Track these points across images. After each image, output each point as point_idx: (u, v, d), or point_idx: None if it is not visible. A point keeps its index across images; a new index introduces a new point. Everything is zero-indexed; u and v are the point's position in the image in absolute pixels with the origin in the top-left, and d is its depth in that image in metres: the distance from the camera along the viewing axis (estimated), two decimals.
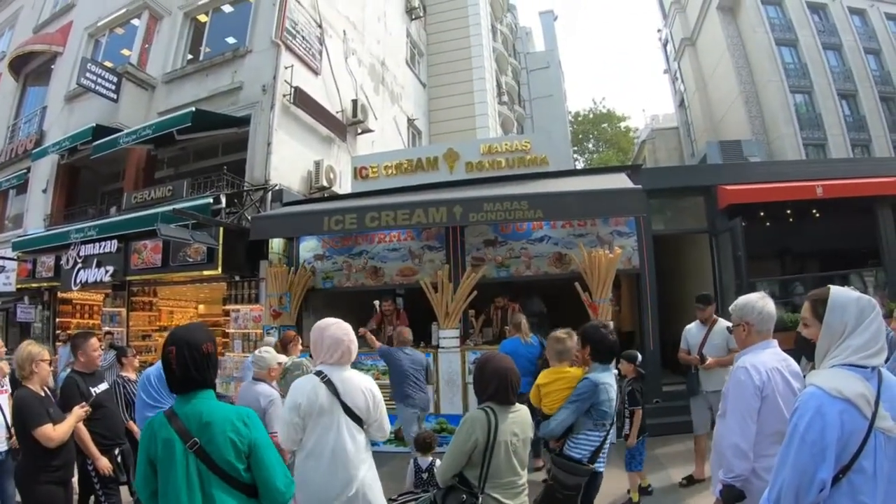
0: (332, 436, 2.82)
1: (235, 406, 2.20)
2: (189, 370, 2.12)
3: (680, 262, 9.36)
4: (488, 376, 2.81)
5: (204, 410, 2.10)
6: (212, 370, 2.20)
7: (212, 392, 2.20)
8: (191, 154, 11.62)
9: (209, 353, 2.17)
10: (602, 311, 7.35)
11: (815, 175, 8.78)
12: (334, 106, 11.70)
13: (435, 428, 7.38)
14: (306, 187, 10.46)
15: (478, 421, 2.70)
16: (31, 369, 3.62)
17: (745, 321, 2.73)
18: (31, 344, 3.78)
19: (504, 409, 2.77)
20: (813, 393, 1.86)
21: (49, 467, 3.51)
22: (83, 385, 4.14)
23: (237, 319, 9.05)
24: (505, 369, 2.81)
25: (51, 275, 11.39)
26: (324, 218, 7.50)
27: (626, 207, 7.12)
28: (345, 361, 2.97)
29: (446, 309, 7.52)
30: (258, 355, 4.42)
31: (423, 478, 4.52)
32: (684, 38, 28.66)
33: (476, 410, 2.79)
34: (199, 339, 2.16)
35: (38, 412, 3.48)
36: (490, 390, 2.79)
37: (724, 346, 5.50)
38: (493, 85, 20.43)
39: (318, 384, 2.87)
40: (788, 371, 2.63)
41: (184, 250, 8.99)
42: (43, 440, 3.42)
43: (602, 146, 37.57)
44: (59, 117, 13.29)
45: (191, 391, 2.14)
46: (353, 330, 3.09)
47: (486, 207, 6.91)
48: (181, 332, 2.23)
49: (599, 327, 3.67)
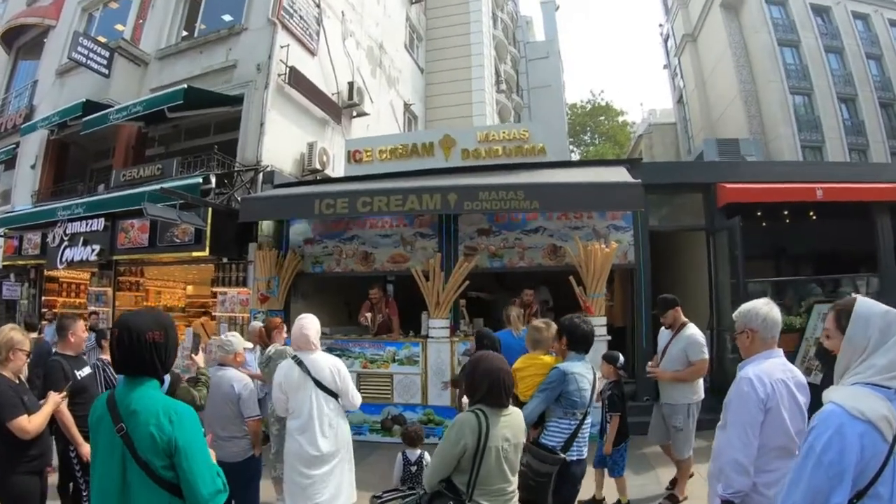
0: (307, 403, 3.76)
1: (169, 401, 2.05)
2: (128, 355, 2.03)
3: (675, 259, 9.26)
4: (480, 376, 2.67)
5: (134, 399, 2.01)
6: (158, 359, 2.07)
7: (154, 382, 2.09)
8: (182, 132, 11.38)
9: (154, 342, 2.05)
10: (596, 306, 7.26)
11: (815, 177, 8.70)
12: (330, 88, 11.49)
13: (422, 419, 7.29)
14: (299, 169, 10.27)
15: (467, 424, 2.57)
16: (7, 356, 3.38)
17: (750, 328, 2.63)
18: (14, 329, 3.53)
19: (496, 413, 2.63)
20: (833, 411, 1.76)
21: (25, 457, 3.33)
22: (68, 368, 4.02)
23: (224, 302, 8.89)
24: (497, 370, 2.68)
25: (37, 252, 11.18)
26: (315, 201, 7.35)
27: (625, 202, 7.02)
28: (307, 348, 3.89)
29: (437, 298, 7.39)
30: (224, 339, 4.28)
31: (412, 471, 4.44)
32: (686, 34, 28.49)
33: (466, 413, 2.65)
34: (142, 325, 2.05)
35: (12, 402, 3.28)
36: (481, 392, 2.65)
37: (683, 357, 5.09)
38: (491, 73, 20.21)
39: (293, 365, 3.85)
40: (794, 383, 2.54)
41: (171, 230, 8.80)
42: (17, 432, 3.23)
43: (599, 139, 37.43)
44: (50, 92, 13.03)
45: (132, 375, 2.06)
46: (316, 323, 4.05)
47: (481, 196, 6.78)
48: (127, 316, 2.14)
49: (574, 318, 3.74)
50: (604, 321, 7.32)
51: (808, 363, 7.84)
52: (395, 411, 7.38)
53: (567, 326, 3.70)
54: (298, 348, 3.94)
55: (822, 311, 7.99)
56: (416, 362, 7.35)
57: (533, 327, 4.10)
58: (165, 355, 2.10)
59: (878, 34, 24.72)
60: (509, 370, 2.74)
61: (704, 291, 8.73)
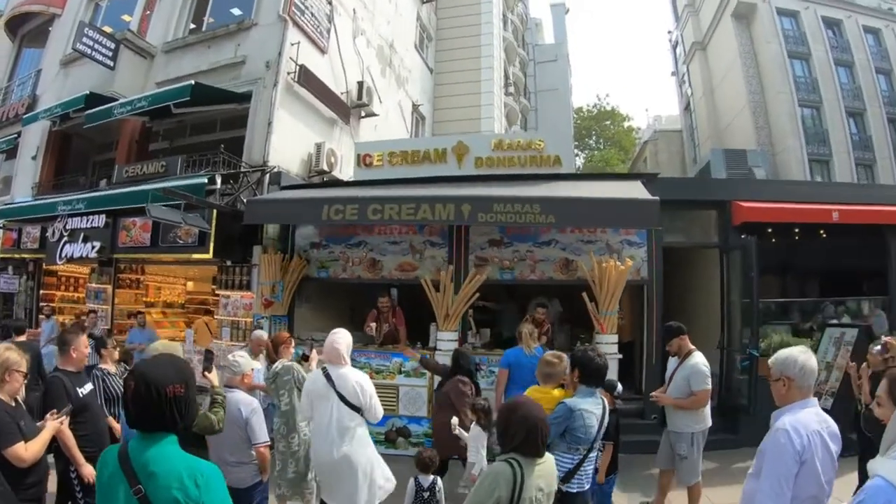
0: (328, 413, 3.95)
1: (191, 460, 1.86)
2: (146, 411, 1.84)
3: (686, 276, 9.11)
4: (516, 425, 2.52)
5: (153, 458, 1.81)
6: (178, 414, 1.87)
7: (172, 437, 1.89)
8: (188, 128, 11.16)
9: (176, 396, 1.85)
10: (608, 323, 7.10)
11: (829, 198, 8.64)
12: (339, 87, 11.27)
13: (427, 432, 7.12)
14: (305, 170, 10.06)
15: (502, 476, 2.43)
16: (3, 377, 3.16)
17: (786, 376, 2.63)
18: (9, 349, 3.31)
19: (530, 462, 2.49)
20: (881, 486, 1.76)
21: (22, 485, 3.11)
22: (70, 386, 3.81)
23: (227, 306, 8.68)
24: (535, 419, 2.53)
25: (36, 246, 10.96)
26: (323, 206, 7.13)
27: (642, 219, 6.83)
28: (337, 362, 4.07)
29: (447, 311, 7.22)
30: (231, 360, 4.05)
31: (425, 497, 4.31)
32: (695, 41, 28.29)
33: (500, 464, 2.50)
34: (162, 378, 1.85)
35: (7, 429, 3.06)
36: (516, 441, 2.51)
37: (686, 386, 5.06)
38: (500, 75, 20.00)
39: (320, 376, 4.07)
40: (828, 433, 2.55)
41: (174, 231, 8.59)
42: (13, 461, 3.02)
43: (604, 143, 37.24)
44: (54, 82, 12.77)
45: (148, 431, 1.86)
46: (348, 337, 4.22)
47: (495, 208, 6.59)
48: (145, 367, 1.93)
49: (588, 350, 3.77)
50: (615, 339, 7.18)
51: (818, 387, 7.71)
52: (399, 423, 7.21)
53: (581, 359, 3.70)
54: (329, 361, 4.11)
55: (834, 334, 7.90)
56: (422, 374, 7.18)
57: (545, 361, 4.15)
58: (185, 409, 1.91)
59: (888, 49, 24.58)
60: (546, 420, 2.59)
61: (715, 309, 8.60)
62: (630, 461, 6.39)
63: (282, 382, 4.85)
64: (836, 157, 22.67)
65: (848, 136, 23.03)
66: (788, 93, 22.87)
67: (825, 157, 22.82)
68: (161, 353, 2.70)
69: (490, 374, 7.06)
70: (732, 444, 7.55)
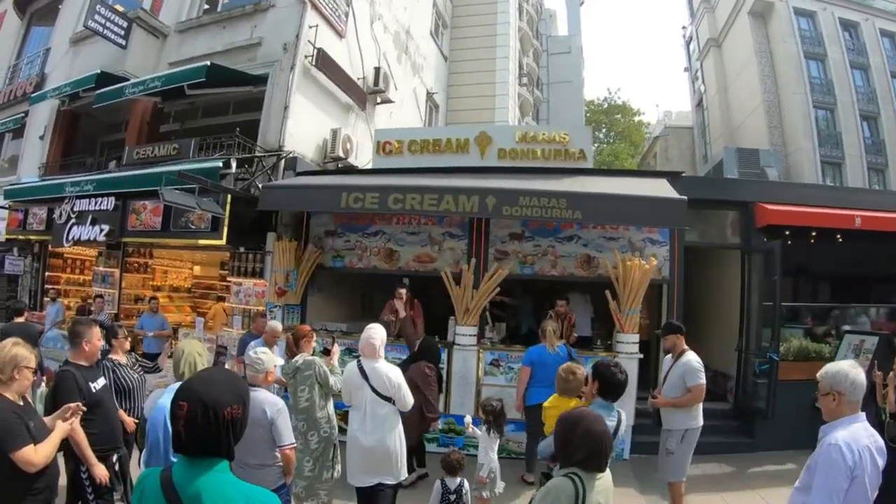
0: (364, 402, 4.23)
1: (249, 488, 1.67)
2: (201, 436, 1.61)
3: (705, 276, 8.95)
4: (579, 440, 2.36)
5: (205, 488, 1.59)
6: (233, 437, 1.67)
7: (225, 463, 1.68)
8: (200, 110, 10.92)
9: (234, 419, 1.66)
10: (630, 322, 6.96)
11: (852, 203, 8.58)
12: (356, 72, 11.03)
13: (443, 429, 6.99)
14: (321, 156, 9.85)
15: (564, 493, 2.28)
16: (12, 375, 2.94)
17: (837, 391, 2.63)
18: (17, 345, 3.05)
19: (591, 477, 2.34)
20: None
21: (31, 490, 2.89)
22: (82, 380, 3.57)
23: (238, 294, 8.49)
24: (601, 434, 2.38)
25: (42, 227, 10.77)
26: (342, 193, 6.97)
27: (670, 218, 6.69)
28: (372, 356, 4.29)
29: (466, 305, 7.05)
30: (254, 357, 3.82)
31: (451, 500, 4.17)
32: (710, 38, 27.95)
33: (561, 479, 2.34)
34: (221, 400, 1.64)
35: (17, 431, 2.82)
36: (578, 456, 2.35)
37: (681, 384, 5.10)
38: (515, 65, 19.76)
39: (355, 369, 4.30)
40: (876, 448, 2.57)
41: (187, 216, 8.38)
42: (23, 465, 2.79)
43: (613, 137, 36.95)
44: (63, 60, 12.51)
45: (197, 457, 1.64)
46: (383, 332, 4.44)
47: (521, 202, 6.44)
48: (200, 386, 1.68)
49: (611, 365, 3.73)
50: (636, 338, 7.05)
51: None
52: None
53: (603, 373, 3.67)
54: (364, 355, 4.33)
55: (853, 341, 7.79)
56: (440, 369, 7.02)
57: (561, 377, 4.18)
58: (240, 431, 1.71)
59: None
60: (610, 434, 2.43)
61: (734, 311, 8.45)
62: (647, 462, 6.29)
63: (302, 378, 4.65)
64: (848, 161, 22.46)
65: (861, 140, 22.81)
66: (803, 93, 22.62)
67: (837, 160, 22.61)
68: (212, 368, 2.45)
69: (509, 371, 6.93)
70: (748, 448, 7.47)
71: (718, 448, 7.35)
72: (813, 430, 7.56)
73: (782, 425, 7.39)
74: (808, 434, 7.48)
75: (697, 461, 6.88)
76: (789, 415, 7.45)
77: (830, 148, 22.63)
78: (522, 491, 5.89)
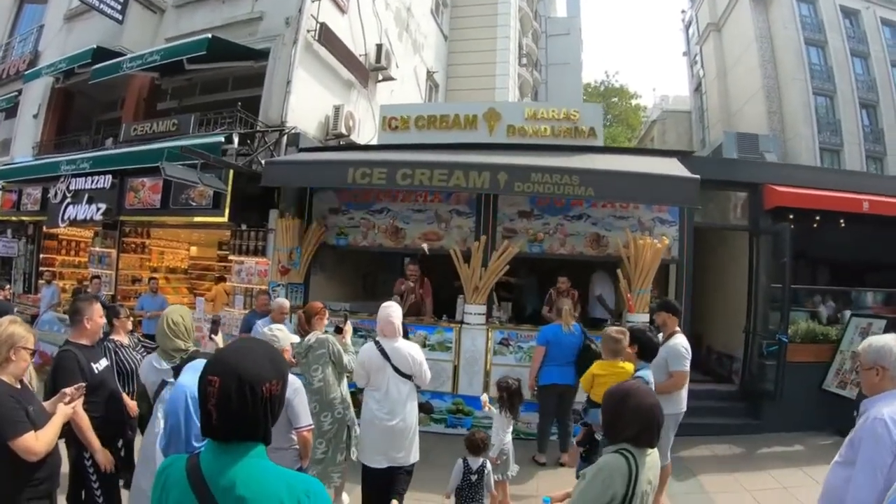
0: (385, 382, 4.14)
1: (291, 475, 1.47)
2: (236, 417, 1.39)
3: (711, 258, 8.88)
4: (630, 415, 2.23)
5: (240, 477, 1.37)
6: (271, 418, 1.46)
7: (262, 449, 1.46)
8: (198, 86, 10.68)
9: (272, 396, 1.44)
10: (640, 302, 6.87)
11: (860, 188, 8.55)
12: (358, 49, 10.81)
13: (451, 408, 6.91)
14: (322, 133, 9.65)
15: (618, 471, 2.14)
16: (8, 356, 2.70)
17: (881, 365, 2.57)
18: (14, 323, 2.83)
19: (642, 454, 2.21)
20: None
21: (31, 481, 2.66)
22: (84, 361, 3.34)
23: (240, 272, 8.30)
24: (651, 406, 2.24)
25: (37, 208, 10.58)
26: (349, 169, 6.79)
27: (682, 197, 6.57)
28: (392, 335, 4.19)
29: (476, 283, 6.93)
30: (269, 334, 3.63)
31: (472, 479, 4.05)
32: (710, 22, 27.69)
33: (613, 456, 2.21)
34: (260, 374, 1.42)
35: (15, 417, 2.61)
36: (630, 432, 2.21)
37: (665, 366, 4.81)
38: (515, 45, 19.56)
39: (374, 349, 4.17)
40: None
41: (187, 192, 8.21)
42: (23, 453, 2.58)
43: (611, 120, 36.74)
44: (57, 37, 12.25)
45: (231, 441, 1.42)
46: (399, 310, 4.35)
47: (533, 178, 6.30)
48: (235, 358, 1.45)
49: (647, 331, 4.15)
50: (646, 318, 6.95)
51: (843, 376, 7.58)
52: (422, 398, 6.93)
53: (641, 339, 4.12)
54: (383, 335, 4.22)
55: (861, 324, 7.78)
56: (448, 348, 6.92)
57: (611, 338, 4.32)
58: (279, 411, 1.50)
59: None
60: (659, 404, 2.30)
61: (741, 293, 8.40)
62: None
63: (315, 357, 4.50)
64: (846, 148, 22.37)
65: (860, 127, 22.71)
66: (803, 80, 22.49)
67: (836, 147, 22.53)
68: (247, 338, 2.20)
69: (518, 350, 6.82)
70: (755, 430, 7.45)
71: (726, 430, 7.36)
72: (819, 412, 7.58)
73: (789, 407, 7.37)
74: (814, 416, 7.58)
75: (707, 442, 6.96)
76: (796, 396, 7.43)
77: (829, 135, 22.54)
78: (535, 472, 5.83)
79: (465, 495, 4.05)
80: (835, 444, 7.00)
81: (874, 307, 9.15)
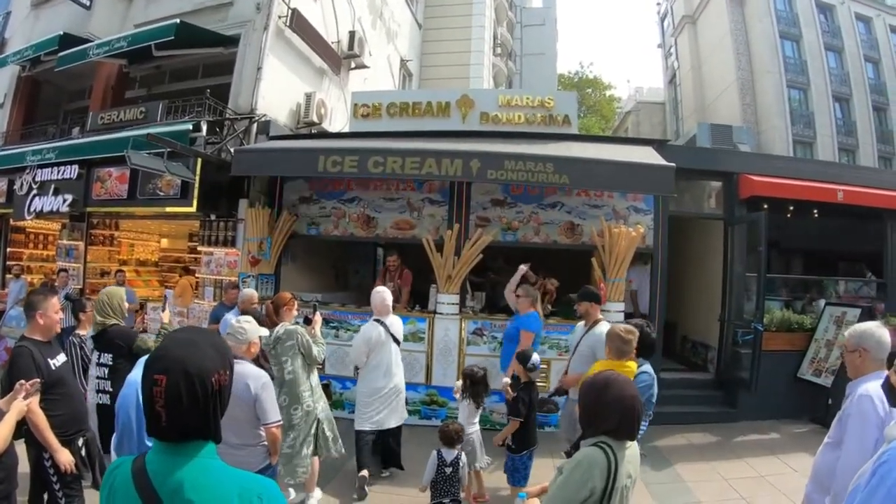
0: (386, 356, 5.04)
1: (244, 476, 1.36)
2: (187, 416, 1.29)
3: (685, 246, 8.91)
4: (610, 406, 2.15)
5: (189, 480, 1.27)
6: (220, 411, 1.36)
7: (212, 448, 1.36)
8: (167, 74, 10.45)
9: (222, 388, 1.35)
10: (615, 291, 6.84)
11: (834, 178, 8.64)
12: (330, 36, 10.63)
13: (424, 399, 6.82)
14: (293, 121, 9.47)
15: (597, 465, 2.08)
16: None
17: (863, 347, 2.76)
18: None
19: (622, 447, 2.15)
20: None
21: None
22: (39, 357, 3.21)
23: (209, 264, 8.09)
24: (631, 398, 2.17)
25: (2, 200, 10.22)
26: (319, 157, 6.64)
27: (658, 185, 6.53)
28: (386, 313, 5.16)
29: (448, 272, 6.84)
30: (237, 326, 3.45)
31: (447, 472, 3.98)
32: (686, 14, 27.91)
33: (592, 449, 2.14)
34: (209, 365, 1.32)
35: None
36: (609, 424, 2.14)
37: (591, 355, 4.55)
38: (490, 34, 19.51)
39: (378, 326, 5.04)
40: None
41: (154, 182, 7.99)
42: None
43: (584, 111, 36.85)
44: (24, 24, 11.92)
45: (179, 441, 1.31)
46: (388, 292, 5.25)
47: (507, 165, 6.22)
48: (180, 351, 1.33)
49: (644, 326, 4.00)
50: (622, 307, 6.94)
51: (818, 364, 7.67)
52: None
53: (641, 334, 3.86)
54: (379, 313, 5.12)
55: (835, 313, 7.88)
56: (421, 339, 6.85)
57: (619, 337, 3.74)
58: (226, 403, 1.40)
59: (878, 38, 24.79)
60: (639, 396, 2.23)
61: (715, 282, 8.44)
62: None
63: (284, 349, 4.40)
64: (819, 140, 22.80)
65: (833, 120, 23.19)
66: (777, 73, 22.81)
67: (809, 140, 22.93)
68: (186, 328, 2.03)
69: (492, 340, 6.76)
70: (731, 418, 7.50)
71: (702, 418, 7.39)
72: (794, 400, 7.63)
73: (764, 395, 7.42)
74: (789, 404, 7.62)
75: (683, 431, 6.98)
76: (771, 385, 7.49)
77: (802, 127, 22.93)
78: None
79: (440, 488, 3.99)
80: (810, 432, 7.08)
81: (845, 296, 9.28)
